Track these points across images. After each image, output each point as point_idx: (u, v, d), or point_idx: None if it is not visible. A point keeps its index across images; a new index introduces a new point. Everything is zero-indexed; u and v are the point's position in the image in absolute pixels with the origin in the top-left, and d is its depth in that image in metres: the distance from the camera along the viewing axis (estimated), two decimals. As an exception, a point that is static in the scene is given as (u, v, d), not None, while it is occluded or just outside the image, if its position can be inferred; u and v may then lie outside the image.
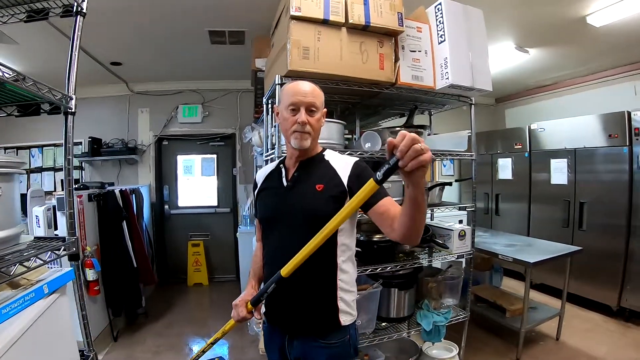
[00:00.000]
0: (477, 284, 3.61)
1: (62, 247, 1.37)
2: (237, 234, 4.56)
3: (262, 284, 1.51)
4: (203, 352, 1.57)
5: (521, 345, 3.01)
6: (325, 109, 1.46)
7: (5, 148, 5.18)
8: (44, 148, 5.12)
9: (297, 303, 1.38)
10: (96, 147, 4.91)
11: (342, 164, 1.43)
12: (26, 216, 2.43)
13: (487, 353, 3.17)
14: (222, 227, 5.52)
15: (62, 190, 3.78)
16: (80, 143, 5.13)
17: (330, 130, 2.19)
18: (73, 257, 1.47)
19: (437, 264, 2.98)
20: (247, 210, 4.81)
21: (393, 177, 2.40)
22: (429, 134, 2.80)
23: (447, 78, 2.27)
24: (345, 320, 1.40)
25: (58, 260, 1.41)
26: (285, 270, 1.23)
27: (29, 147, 5.14)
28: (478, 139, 2.61)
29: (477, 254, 2.81)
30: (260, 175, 1.61)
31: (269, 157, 2.37)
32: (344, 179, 1.38)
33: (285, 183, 1.46)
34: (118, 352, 3.35)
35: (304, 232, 1.29)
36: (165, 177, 5.52)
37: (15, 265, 1.12)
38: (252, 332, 3.06)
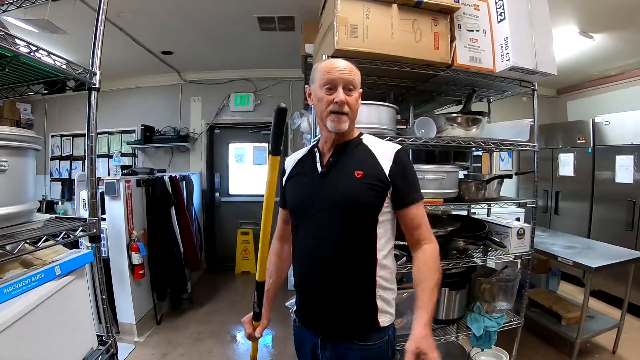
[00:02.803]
0: (532, 287, 3.35)
1: (80, 228, 1.33)
2: (287, 223, 4.52)
3: (295, 285, 1.41)
4: None
5: (575, 358, 2.76)
6: (361, 89, 1.33)
7: (62, 135, 5.48)
8: (98, 135, 5.27)
9: (332, 303, 1.27)
10: (148, 134, 5.08)
11: (382, 151, 1.30)
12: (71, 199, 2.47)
13: (539, 363, 2.94)
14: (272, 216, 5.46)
15: (112, 175, 3.92)
16: (134, 131, 5.33)
17: (380, 115, 2.03)
18: (93, 239, 1.44)
19: (491, 263, 2.77)
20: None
21: (446, 167, 2.25)
22: (488, 122, 2.60)
23: (508, 60, 2.07)
24: (384, 320, 1.28)
25: (85, 241, 1.39)
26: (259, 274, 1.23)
27: (84, 135, 5.32)
28: (538, 132, 2.41)
29: (534, 255, 2.60)
30: (290, 162, 1.48)
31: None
32: (386, 168, 1.25)
33: (320, 169, 1.33)
34: (160, 335, 3.42)
35: (341, 223, 1.21)
36: (216, 165, 5.59)
37: (20, 243, 1.08)
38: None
